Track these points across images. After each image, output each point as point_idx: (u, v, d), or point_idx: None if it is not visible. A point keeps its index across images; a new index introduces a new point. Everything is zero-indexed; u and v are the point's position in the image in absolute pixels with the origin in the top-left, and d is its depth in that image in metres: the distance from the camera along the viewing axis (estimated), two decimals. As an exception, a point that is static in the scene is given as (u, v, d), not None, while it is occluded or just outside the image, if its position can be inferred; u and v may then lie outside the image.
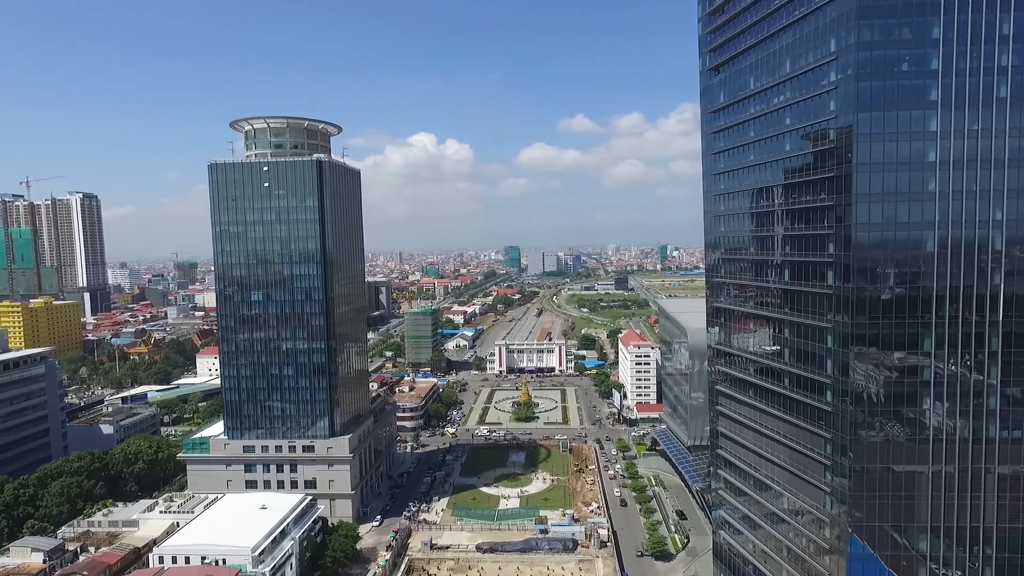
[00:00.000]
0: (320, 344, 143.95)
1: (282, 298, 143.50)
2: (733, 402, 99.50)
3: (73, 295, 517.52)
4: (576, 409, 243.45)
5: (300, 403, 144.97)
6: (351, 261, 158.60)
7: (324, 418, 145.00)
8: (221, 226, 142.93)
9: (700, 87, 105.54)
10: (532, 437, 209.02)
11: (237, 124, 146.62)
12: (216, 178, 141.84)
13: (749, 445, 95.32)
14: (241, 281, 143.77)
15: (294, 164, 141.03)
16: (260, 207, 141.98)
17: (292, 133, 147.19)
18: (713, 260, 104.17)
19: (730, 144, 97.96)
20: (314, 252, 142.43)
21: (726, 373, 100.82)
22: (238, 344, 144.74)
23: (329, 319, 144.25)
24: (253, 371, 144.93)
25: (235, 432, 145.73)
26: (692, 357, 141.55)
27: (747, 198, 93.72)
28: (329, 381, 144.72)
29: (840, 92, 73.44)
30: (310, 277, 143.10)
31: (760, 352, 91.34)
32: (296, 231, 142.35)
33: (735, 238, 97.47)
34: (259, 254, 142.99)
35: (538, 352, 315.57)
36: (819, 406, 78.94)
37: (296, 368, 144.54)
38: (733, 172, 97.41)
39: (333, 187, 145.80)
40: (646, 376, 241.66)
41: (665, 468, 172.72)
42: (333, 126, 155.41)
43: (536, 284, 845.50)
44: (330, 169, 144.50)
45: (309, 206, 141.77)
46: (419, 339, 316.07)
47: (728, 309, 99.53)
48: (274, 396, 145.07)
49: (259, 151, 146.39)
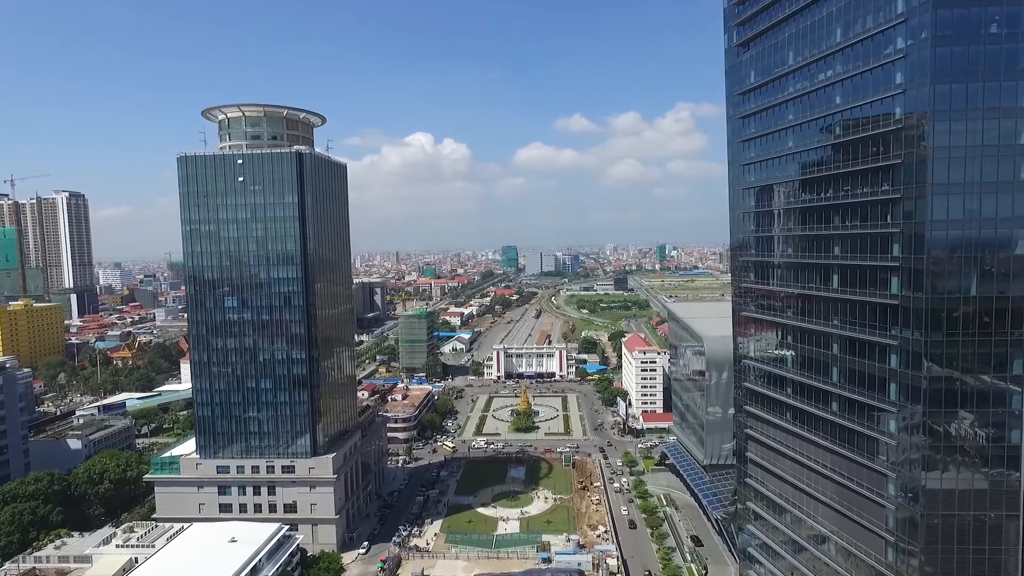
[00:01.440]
0: (301, 354, 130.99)
1: (259, 303, 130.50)
2: (765, 425, 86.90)
3: (59, 296, 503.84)
4: (578, 418, 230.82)
5: (279, 419, 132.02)
6: (336, 263, 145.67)
7: (305, 435, 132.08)
8: (191, 224, 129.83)
9: (725, 66, 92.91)
10: (532, 449, 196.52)
11: (209, 113, 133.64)
12: (185, 172, 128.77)
13: (786, 476, 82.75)
14: (213, 285, 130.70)
15: (271, 157, 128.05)
16: (234, 204, 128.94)
17: (270, 123, 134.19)
18: (741, 263, 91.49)
19: (763, 130, 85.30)
20: (294, 253, 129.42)
21: (757, 392, 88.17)
22: (210, 354, 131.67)
23: (311, 326, 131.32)
24: (227, 384, 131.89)
25: (208, 451, 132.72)
26: (709, 368, 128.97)
27: (785, 191, 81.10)
28: (311, 394, 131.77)
29: (910, 61, 60.77)
30: (289, 280, 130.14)
31: (801, 371, 78.68)
32: (274, 230, 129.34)
33: (769, 238, 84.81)
34: (233, 255, 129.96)
35: (538, 356, 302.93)
36: (879, 438, 66.33)
37: (274, 380, 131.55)
38: (767, 162, 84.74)
39: (315, 182, 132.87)
40: (652, 383, 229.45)
41: (676, 485, 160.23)
42: (316, 116, 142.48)
43: (534, 284, 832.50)
44: (312, 162, 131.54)
45: (288, 203, 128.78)
46: (414, 343, 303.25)
47: (760, 319, 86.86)
48: (250, 411, 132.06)
49: (234, 142, 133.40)
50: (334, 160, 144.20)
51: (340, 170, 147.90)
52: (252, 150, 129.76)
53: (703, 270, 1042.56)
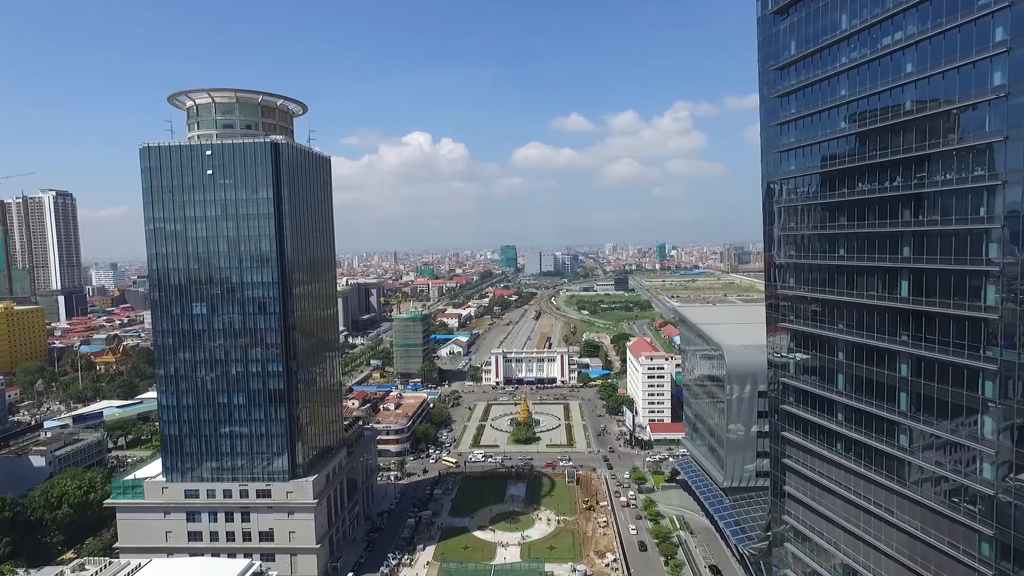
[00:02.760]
0: (277, 366, 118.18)
1: (230, 311, 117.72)
2: (808, 456, 74.21)
3: (46, 298, 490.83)
4: (582, 428, 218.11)
5: (254, 438, 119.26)
6: (319, 264, 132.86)
7: (283, 456, 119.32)
8: (155, 223, 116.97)
9: (758, 38, 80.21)
10: (533, 463, 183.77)
11: (176, 99, 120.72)
12: (148, 164, 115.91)
13: (835, 517, 70.06)
14: (180, 290, 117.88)
15: (244, 147, 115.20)
16: (203, 200, 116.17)
17: (243, 110, 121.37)
18: (778, 267, 78.74)
19: (805, 109, 72.58)
20: (269, 254, 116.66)
21: (798, 417, 75.48)
22: (178, 366, 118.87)
23: (288, 336, 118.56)
24: (196, 399, 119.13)
25: (175, 473, 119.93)
26: (730, 381, 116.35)
27: (835, 181, 68.35)
28: (289, 411, 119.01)
29: (1018, 10, 48.06)
30: (264, 285, 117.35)
31: (857, 395, 65.99)
32: (247, 229, 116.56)
33: (814, 237, 72.08)
34: (202, 257, 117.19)
35: (538, 361, 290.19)
36: (970, 485, 53.62)
37: (248, 395, 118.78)
38: (811, 147, 71.99)
39: (294, 176, 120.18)
40: (660, 391, 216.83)
41: (690, 505, 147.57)
42: (295, 103, 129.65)
43: (533, 284, 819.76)
44: (290, 154, 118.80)
45: (263, 198, 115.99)
46: (408, 347, 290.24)
47: (803, 332, 74.13)
48: (222, 429, 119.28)
49: (203, 132, 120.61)
50: (316, 152, 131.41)
51: (323, 163, 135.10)
52: (223, 140, 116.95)
53: (704, 270, 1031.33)
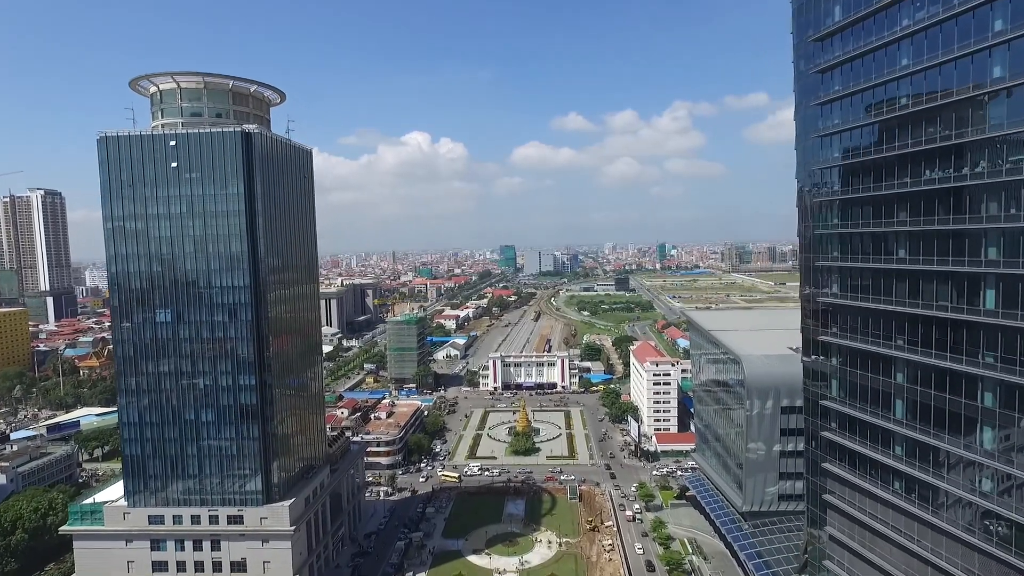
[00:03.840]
0: (249, 379, 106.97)
1: (197, 318, 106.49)
2: (856, 493, 63.12)
3: (34, 300, 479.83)
4: (584, 437, 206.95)
5: (224, 458, 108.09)
6: (298, 266, 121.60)
7: (257, 477, 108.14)
8: (114, 221, 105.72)
9: (793, 4, 69.19)
10: (532, 476, 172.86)
11: (138, 84, 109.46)
12: (107, 156, 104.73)
13: (893, 571, 58.92)
14: (142, 295, 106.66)
15: (211, 137, 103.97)
16: (166, 195, 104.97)
17: (212, 97, 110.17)
18: (818, 271, 67.62)
19: (855, 84, 61.47)
20: (240, 255, 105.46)
21: (843, 448, 64.40)
22: (140, 379, 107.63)
23: (262, 345, 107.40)
24: (161, 416, 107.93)
25: (138, 497, 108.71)
26: (750, 395, 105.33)
27: (896, 168, 57.22)
28: (263, 428, 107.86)
29: None
30: (235, 289, 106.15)
31: (922, 426, 54.91)
32: (216, 228, 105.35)
33: (865, 236, 61.00)
34: (166, 259, 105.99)
35: (537, 365, 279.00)
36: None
37: (218, 412, 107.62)
38: (863, 129, 60.85)
39: (270, 168, 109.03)
40: (666, 399, 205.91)
41: (701, 525, 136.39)
42: (272, 90, 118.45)
43: (533, 285, 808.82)
44: (264, 145, 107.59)
45: (233, 194, 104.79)
46: (403, 351, 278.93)
47: (851, 348, 63.00)
48: (189, 448, 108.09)
49: (168, 120, 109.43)
50: (295, 144, 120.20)
51: (303, 156, 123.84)
52: (190, 129, 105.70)
53: (705, 270, 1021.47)
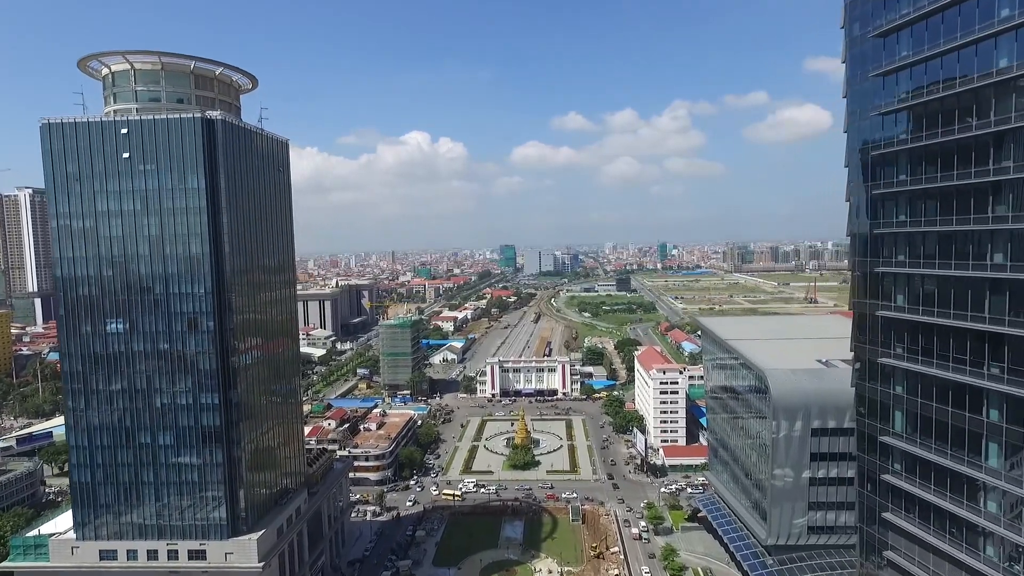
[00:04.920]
0: (212, 397, 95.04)
1: (153, 328, 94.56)
2: (932, 555, 51.11)
3: (22, 301, 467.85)
4: (586, 449, 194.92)
5: (184, 486, 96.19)
6: (270, 269, 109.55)
7: (221, 507, 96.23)
8: (61, 219, 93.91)
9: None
10: (531, 493, 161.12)
11: (87, 65, 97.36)
12: (51, 145, 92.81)
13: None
14: (92, 303, 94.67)
15: (168, 124, 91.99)
16: (117, 190, 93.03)
17: (172, 80, 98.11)
18: (878, 278, 55.63)
19: (931, 48, 49.51)
20: (201, 258, 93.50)
21: (911, 495, 52.45)
22: (90, 398, 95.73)
23: (226, 359, 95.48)
24: (113, 438, 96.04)
25: (88, 529, 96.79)
26: (776, 415, 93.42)
27: (991, 151, 45.27)
28: (227, 452, 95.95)
29: None
30: (196, 296, 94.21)
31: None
32: (173, 226, 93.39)
33: (945, 236, 49.02)
34: (117, 262, 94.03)
35: (537, 371, 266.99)
36: None
37: (177, 434, 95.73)
38: (944, 101, 48.86)
39: (237, 160, 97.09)
40: (673, 409, 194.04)
41: (716, 552, 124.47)
42: (241, 73, 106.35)
43: (533, 285, 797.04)
44: (230, 133, 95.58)
45: (193, 188, 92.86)
46: (397, 356, 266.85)
47: (924, 375, 50.98)
48: (145, 476, 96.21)
49: (121, 106, 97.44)
50: (268, 134, 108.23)
51: (278, 148, 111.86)
52: (146, 115, 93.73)
53: (706, 269, 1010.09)
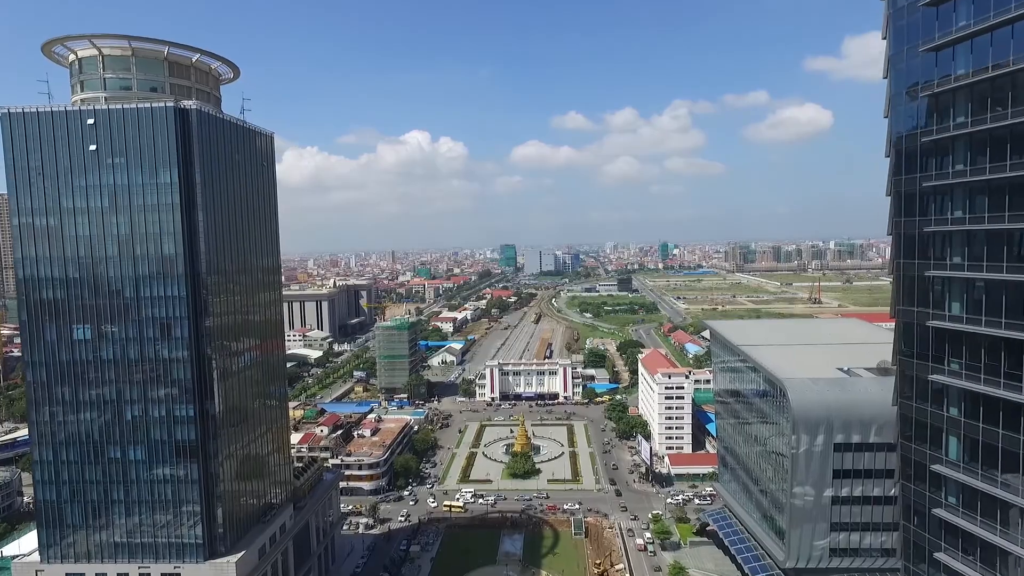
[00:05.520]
0: (187, 409, 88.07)
1: (123, 335, 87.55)
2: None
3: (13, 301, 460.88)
4: (588, 456, 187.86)
5: (157, 504, 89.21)
6: (252, 270, 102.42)
7: (197, 527, 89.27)
8: (22, 216, 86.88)
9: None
10: (531, 505, 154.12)
11: (52, 51, 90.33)
12: (12, 137, 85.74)
13: None
14: (57, 308, 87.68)
15: (138, 114, 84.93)
16: (84, 185, 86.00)
17: (143, 67, 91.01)
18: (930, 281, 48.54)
19: (995, 16, 42.42)
20: (174, 259, 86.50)
21: (973, 537, 45.35)
22: (55, 409, 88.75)
23: (203, 368, 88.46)
24: (81, 454, 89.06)
25: (54, 551, 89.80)
26: (797, 430, 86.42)
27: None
28: (204, 468, 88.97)
29: None
30: (169, 300, 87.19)
31: None
32: (144, 225, 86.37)
33: (1016, 234, 41.93)
34: (84, 263, 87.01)
35: (538, 374, 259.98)
36: None
37: (149, 448, 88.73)
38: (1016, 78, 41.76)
39: (215, 154, 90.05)
40: (679, 415, 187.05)
41: (728, 571, 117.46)
42: (221, 61, 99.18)
43: (533, 285, 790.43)
44: (207, 125, 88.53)
45: (165, 183, 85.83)
46: (394, 359, 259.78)
47: (989, 397, 43.89)
48: (115, 494, 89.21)
49: (89, 94, 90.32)
50: (251, 127, 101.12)
51: (262, 141, 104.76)
52: (116, 104, 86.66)
53: (708, 269, 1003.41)
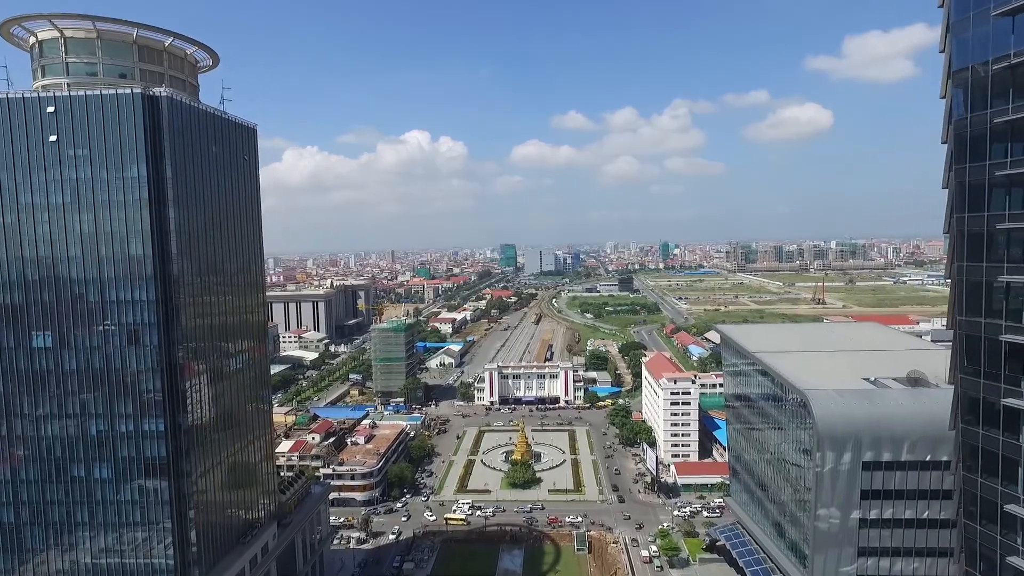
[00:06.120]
0: (157, 423, 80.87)
1: (87, 343, 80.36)
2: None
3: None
4: (591, 465, 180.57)
5: (125, 527, 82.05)
6: (231, 272, 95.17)
7: (169, 551, 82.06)
8: (-23, 214, 79.84)
9: None
10: (532, 516, 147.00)
11: (10, 31, 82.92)
12: (-35, 127, 78.66)
13: None
14: (14, 312, 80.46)
15: (103, 101, 77.61)
16: (44, 180, 78.74)
17: (110, 51, 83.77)
18: (1003, 290, 41.28)
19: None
20: (143, 260, 79.32)
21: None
22: (12, 424, 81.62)
23: (175, 378, 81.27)
24: (40, 472, 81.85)
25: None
26: (821, 446, 79.17)
27: None
28: (175, 487, 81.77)
29: None
30: (137, 305, 79.97)
31: None
32: (110, 223, 79.14)
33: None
34: (44, 264, 79.81)
35: (538, 377, 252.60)
36: None
37: (115, 466, 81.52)
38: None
39: (189, 146, 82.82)
40: (686, 421, 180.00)
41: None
42: (196, 46, 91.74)
43: (533, 285, 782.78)
44: (180, 114, 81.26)
45: (133, 177, 78.63)
46: (390, 362, 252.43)
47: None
48: (79, 515, 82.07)
49: (51, 80, 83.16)
50: (233, 119, 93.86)
51: (243, 134, 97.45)
52: (80, 90, 79.40)
53: (710, 269, 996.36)
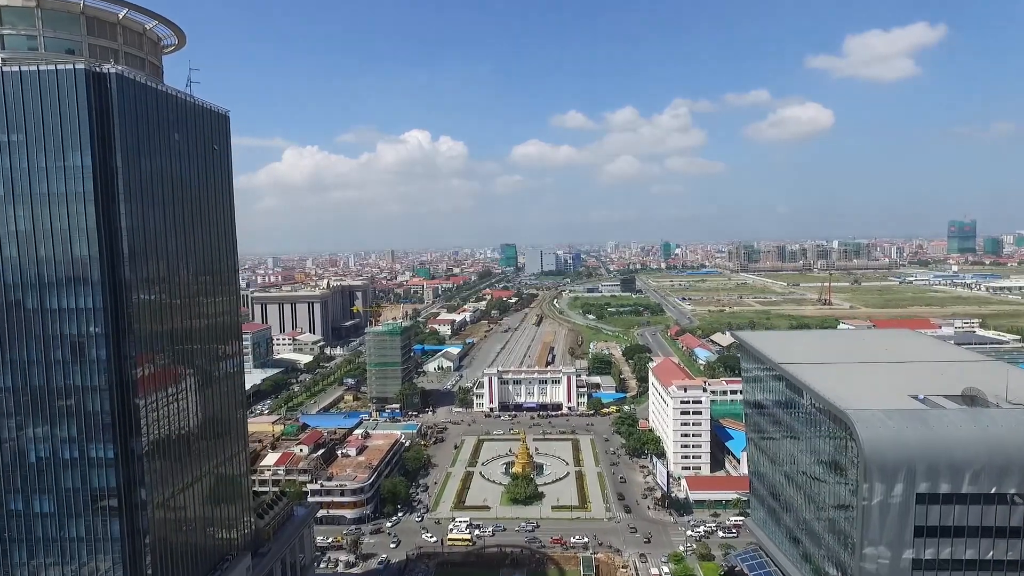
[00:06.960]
0: (105, 449, 70.58)
1: (24, 356, 70.04)
2: None
3: None
4: (597, 478, 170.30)
5: (70, 567, 71.75)
6: (197, 273, 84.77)
7: (121, 595, 71.87)
8: (-102, 209, 69.50)
9: None
10: (534, 536, 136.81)
11: (-62, 2, 72.88)
12: None
13: None
14: (-59, 322, 70.36)
15: (40, 77, 67.29)
16: (-27, 169, 68.61)
17: (52, 22, 73.23)
18: None
19: None
20: (88, 261, 68.98)
21: None
22: (-59, 449, 71.44)
23: (126, 397, 70.94)
24: (-27, 503, 71.74)
25: (-56, 623, 72.65)
26: (869, 476, 68.78)
27: None
28: (128, 522, 71.42)
29: None
30: (82, 314, 69.58)
31: None
32: (50, 219, 68.79)
33: None
34: (-26, 267, 69.71)
35: (540, 383, 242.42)
36: None
37: (59, 499, 71.22)
38: None
39: (143, 133, 72.41)
40: (695, 430, 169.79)
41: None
42: (159, 20, 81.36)
43: (534, 285, 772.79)
44: (132, 95, 70.84)
45: (75, 167, 68.26)
46: (385, 367, 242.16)
47: None
48: (17, 554, 71.80)
49: (-16, 57, 72.93)
50: (200, 103, 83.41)
51: (214, 121, 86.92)
52: (14, 66, 69.04)
53: (712, 269, 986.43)
